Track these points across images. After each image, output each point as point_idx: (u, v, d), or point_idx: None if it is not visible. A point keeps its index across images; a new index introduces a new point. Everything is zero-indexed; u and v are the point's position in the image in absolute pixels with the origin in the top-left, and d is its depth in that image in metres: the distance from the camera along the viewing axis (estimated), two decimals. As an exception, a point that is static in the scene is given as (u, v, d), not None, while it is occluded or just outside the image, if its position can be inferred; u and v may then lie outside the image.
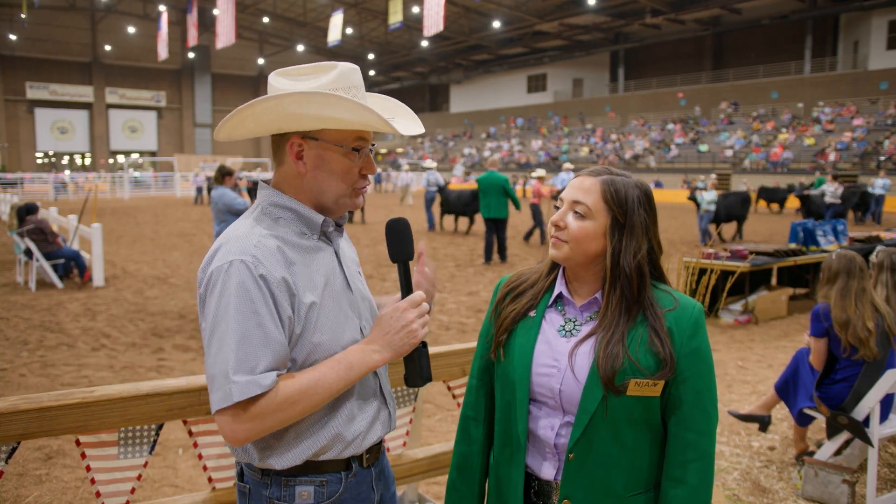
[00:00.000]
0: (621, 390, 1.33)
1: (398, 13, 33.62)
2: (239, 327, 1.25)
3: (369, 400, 1.48)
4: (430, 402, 4.78)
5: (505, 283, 1.58)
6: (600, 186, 1.41)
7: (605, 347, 1.35)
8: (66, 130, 49.56)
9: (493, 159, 12.02)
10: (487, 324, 1.58)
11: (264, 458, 1.38)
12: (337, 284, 1.44)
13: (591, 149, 40.66)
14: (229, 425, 1.26)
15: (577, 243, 1.40)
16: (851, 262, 3.53)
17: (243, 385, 1.23)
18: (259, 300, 1.27)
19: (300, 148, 1.39)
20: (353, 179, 1.43)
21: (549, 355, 1.42)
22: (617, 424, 1.36)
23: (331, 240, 1.48)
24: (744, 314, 7.48)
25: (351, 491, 1.46)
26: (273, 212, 1.41)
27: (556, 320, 1.47)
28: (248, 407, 1.25)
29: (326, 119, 1.34)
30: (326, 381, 1.32)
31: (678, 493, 1.37)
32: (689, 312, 1.40)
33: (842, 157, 29.81)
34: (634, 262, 1.38)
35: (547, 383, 1.42)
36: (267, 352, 1.26)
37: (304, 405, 1.30)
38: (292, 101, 1.31)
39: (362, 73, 1.46)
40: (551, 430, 1.42)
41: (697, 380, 1.38)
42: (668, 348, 1.35)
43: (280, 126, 1.38)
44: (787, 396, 3.84)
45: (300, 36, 50.51)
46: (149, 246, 13.75)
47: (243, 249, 1.30)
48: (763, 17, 36.69)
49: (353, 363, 1.35)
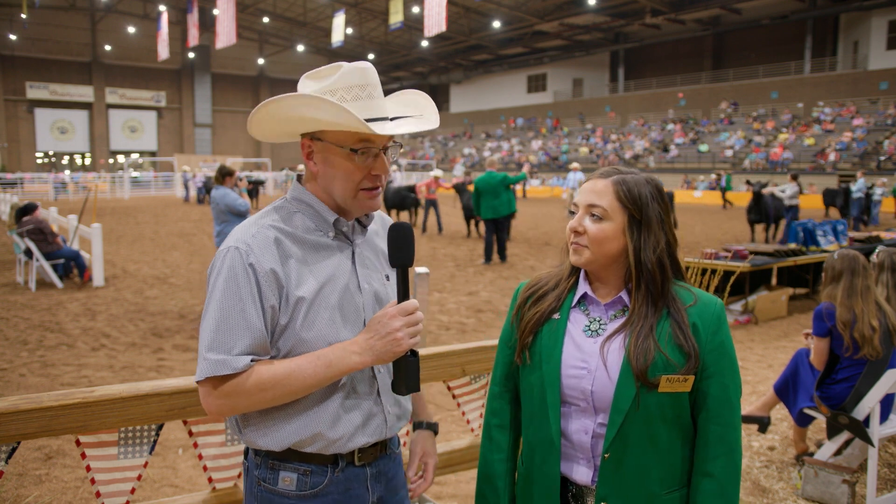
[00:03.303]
0: (654, 385, 1.35)
1: (398, 13, 33.62)
2: (222, 308, 1.32)
3: (360, 403, 1.45)
4: (430, 403, 4.78)
5: (525, 288, 1.57)
6: (613, 187, 1.43)
7: (635, 342, 1.37)
8: (66, 130, 49.54)
9: (491, 159, 12.03)
10: (509, 330, 1.57)
11: (246, 432, 1.43)
12: (342, 283, 1.43)
13: (591, 149, 40.66)
14: (204, 398, 1.34)
15: (597, 246, 1.42)
16: (855, 260, 3.53)
17: (213, 363, 1.30)
18: (244, 286, 1.32)
19: (309, 148, 1.44)
20: (357, 180, 1.42)
21: (578, 356, 1.43)
22: (650, 422, 1.37)
23: (349, 239, 1.49)
24: (744, 314, 7.48)
25: (337, 486, 1.44)
26: (293, 205, 1.47)
27: (581, 320, 1.47)
28: (219, 385, 1.31)
29: (314, 121, 1.38)
30: (301, 374, 1.33)
31: (708, 486, 1.39)
32: (712, 308, 1.43)
33: (842, 157, 29.81)
34: (655, 256, 1.41)
35: (577, 385, 1.42)
36: (245, 335, 1.31)
37: (276, 393, 1.33)
38: (281, 106, 1.37)
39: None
40: (585, 434, 1.42)
41: (723, 374, 1.41)
42: (691, 342, 1.38)
43: (288, 127, 1.45)
44: (786, 397, 3.84)
45: (300, 36, 50.50)
46: (149, 246, 13.75)
47: (241, 238, 1.37)
48: (763, 17, 36.69)
49: (332, 361, 1.35)
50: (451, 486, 3.55)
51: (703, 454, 1.41)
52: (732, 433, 1.40)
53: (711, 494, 1.38)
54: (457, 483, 3.58)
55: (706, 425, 1.41)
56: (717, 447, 1.39)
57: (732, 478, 1.39)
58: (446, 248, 13.58)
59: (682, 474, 1.43)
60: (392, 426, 1.52)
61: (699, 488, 1.40)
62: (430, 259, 11.93)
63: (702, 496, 1.39)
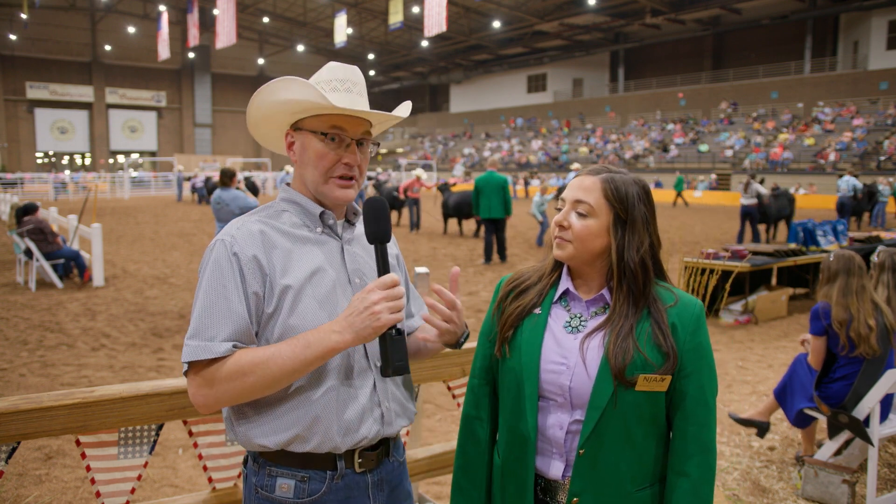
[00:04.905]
0: (631, 383, 1.36)
1: (398, 13, 33.65)
2: (206, 297, 1.34)
3: (356, 395, 1.42)
4: (430, 403, 4.78)
5: (507, 282, 1.58)
6: (601, 184, 1.43)
7: (615, 341, 1.38)
8: (66, 130, 49.56)
9: (492, 159, 12.03)
10: (489, 323, 1.58)
11: (238, 427, 1.42)
12: (330, 276, 1.43)
13: (592, 149, 40.66)
14: (190, 390, 1.34)
15: (581, 242, 1.42)
16: (850, 261, 3.55)
17: (193, 348, 1.31)
18: (228, 275, 1.35)
19: (291, 139, 1.49)
20: (328, 165, 1.43)
21: (558, 352, 1.43)
22: (626, 421, 1.38)
23: (337, 234, 1.50)
24: (744, 314, 7.48)
25: (336, 494, 1.41)
26: (281, 205, 1.50)
27: (562, 316, 1.48)
28: (201, 371, 1.31)
29: (284, 104, 1.43)
30: (281, 357, 1.30)
31: (683, 485, 1.40)
32: (691, 309, 1.43)
33: (842, 157, 29.81)
34: (638, 256, 1.41)
35: (556, 380, 1.42)
36: (227, 323, 1.32)
37: (257, 377, 1.30)
38: (265, 90, 1.42)
39: (363, 73, 1.52)
40: (560, 429, 1.42)
41: (700, 374, 1.41)
42: (670, 342, 1.39)
43: (277, 125, 1.50)
44: (783, 401, 3.84)
45: (300, 36, 50.52)
46: (149, 246, 13.74)
47: (227, 231, 1.41)
48: (763, 17, 36.70)
49: (311, 342, 1.30)
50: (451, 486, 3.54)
51: (678, 453, 1.42)
52: (707, 433, 1.41)
53: (686, 493, 1.39)
54: (457, 483, 3.57)
55: (682, 425, 1.42)
56: (692, 446, 1.40)
57: (707, 477, 1.40)
58: (446, 248, 13.58)
59: (653, 472, 1.44)
60: (391, 422, 1.47)
61: (674, 487, 1.41)
62: (430, 259, 11.92)
63: (677, 495, 1.40)
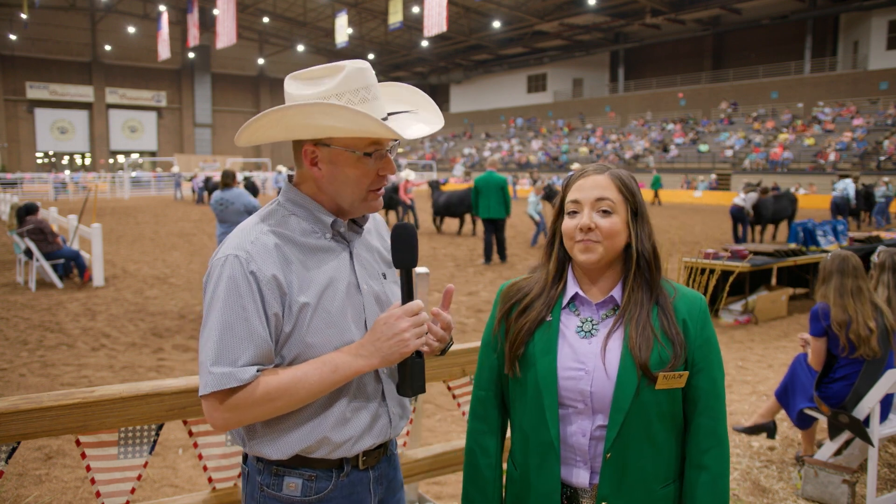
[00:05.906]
0: (654, 378, 1.36)
1: (398, 13, 33.63)
2: (225, 319, 1.28)
3: (367, 404, 1.44)
4: (430, 403, 4.78)
5: (506, 296, 1.55)
6: (613, 181, 1.45)
7: (635, 332, 1.38)
8: (66, 130, 49.54)
9: (492, 159, 12.07)
10: (492, 336, 1.55)
11: (252, 444, 1.40)
12: (342, 286, 1.41)
13: (591, 149, 40.65)
14: (209, 412, 1.30)
15: (611, 240, 1.42)
16: (844, 261, 3.54)
17: (219, 376, 1.26)
18: (247, 295, 1.29)
19: (314, 155, 1.40)
20: (367, 183, 1.41)
21: (574, 358, 1.42)
22: (648, 420, 1.38)
23: (346, 239, 1.47)
24: (744, 314, 7.48)
25: (342, 490, 1.43)
26: (288, 208, 1.43)
27: (573, 322, 1.46)
28: (226, 398, 1.28)
29: (327, 128, 1.33)
30: (309, 381, 1.31)
31: (703, 478, 1.41)
32: (699, 304, 1.45)
33: (842, 157, 29.81)
34: (650, 244, 1.44)
35: (575, 386, 1.41)
36: (249, 346, 1.28)
37: (284, 402, 1.31)
38: (296, 113, 1.31)
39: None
40: (583, 436, 1.41)
41: (712, 368, 1.44)
42: (679, 336, 1.41)
43: (290, 134, 1.39)
44: (785, 401, 3.84)
45: (300, 36, 50.49)
46: (149, 246, 13.74)
47: (240, 245, 1.33)
48: (763, 17, 36.68)
49: (339, 366, 1.33)
50: (451, 486, 3.54)
51: (695, 447, 1.43)
52: (721, 425, 1.44)
53: (706, 486, 1.41)
54: (457, 483, 3.57)
55: (697, 419, 1.43)
56: (708, 440, 1.42)
57: (723, 469, 1.42)
58: (446, 248, 13.58)
59: (674, 469, 1.45)
60: (396, 426, 1.51)
61: (694, 481, 1.42)
62: (430, 259, 11.93)
63: (698, 489, 1.41)
